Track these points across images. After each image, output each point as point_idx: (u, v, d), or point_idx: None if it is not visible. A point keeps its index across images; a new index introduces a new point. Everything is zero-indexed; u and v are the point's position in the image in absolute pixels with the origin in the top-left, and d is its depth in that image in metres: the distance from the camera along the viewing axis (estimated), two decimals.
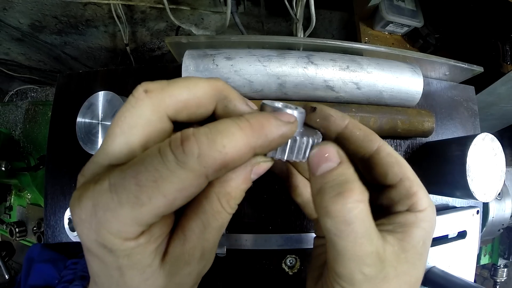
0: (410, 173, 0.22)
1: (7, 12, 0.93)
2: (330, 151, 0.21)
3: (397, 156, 0.23)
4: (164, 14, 1.02)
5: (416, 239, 0.21)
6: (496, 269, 0.91)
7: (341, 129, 0.24)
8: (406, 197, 0.22)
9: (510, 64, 0.73)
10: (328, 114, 0.23)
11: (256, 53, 0.50)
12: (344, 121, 0.23)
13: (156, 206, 0.16)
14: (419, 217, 0.22)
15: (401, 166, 0.22)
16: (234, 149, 0.16)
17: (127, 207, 0.15)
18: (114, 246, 0.16)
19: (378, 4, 0.76)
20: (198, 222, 0.19)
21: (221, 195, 0.19)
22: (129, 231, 0.16)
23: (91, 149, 0.49)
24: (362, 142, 0.23)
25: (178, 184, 0.16)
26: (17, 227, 0.81)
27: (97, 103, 0.50)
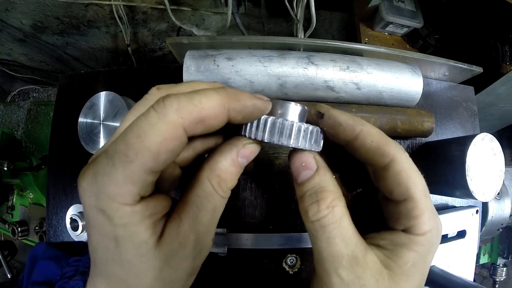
0: (418, 194, 0.21)
1: (9, 13, 0.93)
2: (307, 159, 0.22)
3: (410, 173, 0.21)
4: (165, 15, 1.02)
5: (404, 260, 0.21)
6: (495, 268, 0.92)
7: (350, 139, 0.22)
8: (406, 218, 0.21)
9: (509, 65, 0.73)
10: (337, 122, 0.22)
11: (256, 53, 0.51)
12: (355, 130, 0.22)
13: (144, 161, 0.17)
14: (414, 240, 0.21)
15: (409, 186, 0.21)
16: (209, 105, 0.18)
17: (119, 167, 0.17)
18: (112, 211, 0.17)
19: (378, 5, 0.76)
20: (192, 205, 0.20)
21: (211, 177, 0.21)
22: (124, 192, 0.17)
23: (93, 149, 0.49)
24: (372, 154, 0.22)
25: (160, 137, 0.17)
26: (19, 227, 0.81)
27: (98, 103, 0.50)
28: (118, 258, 0.18)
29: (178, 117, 0.17)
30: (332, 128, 0.22)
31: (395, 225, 0.22)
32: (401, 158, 0.21)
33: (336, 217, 0.20)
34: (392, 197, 0.22)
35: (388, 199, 0.23)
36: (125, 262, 0.18)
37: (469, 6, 0.79)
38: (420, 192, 0.21)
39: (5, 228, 0.86)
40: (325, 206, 0.20)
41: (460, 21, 0.82)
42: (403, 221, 0.22)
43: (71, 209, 0.55)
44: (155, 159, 0.17)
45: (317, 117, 0.23)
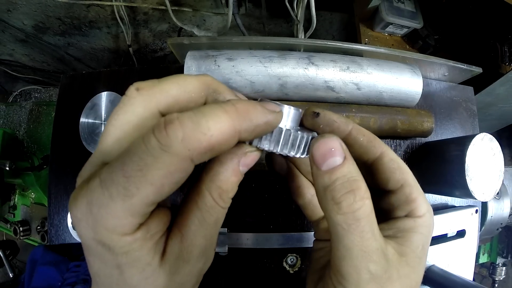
0: (411, 179, 0.23)
1: (11, 13, 0.94)
2: (336, 145, 0.20)
3: (400, 162, 0.23)
4: (167, 15, 1.02)
5: (415, 244, 0.22)
6: (494, 268, 0.92)
7: (344, 135, 0.23)
8: (405, 203, 0.23)
9: (508, 65, 0.73)
10: (331, 119, 0.23)
11: (257, 54, 0.51)
12: (348, 126, 0.23)
13: (145, 195, 0.16)
14: (418, 222, 0.22)
15: (402, 172, 0.23)
16: (219, 131, 0.16)
17: (118, 200, 0.16)
18: (112, 242, 0.16)
19: (378, 6, 0.76)
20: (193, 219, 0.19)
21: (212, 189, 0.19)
22: (124, 224, 0.16)
23: (94, 149, 0.49)
24: (365, 148, 0.23)
25: (164, 170, 0.16)
26: (21, 226, 0.82)
27: (100, 103, 0.50)
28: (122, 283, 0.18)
29: (184, 149, 0.16)
30: (328, 125, 0.23)
31: (398, 213, 0.23)
32: (388, 150, 0.23)
33: (368, 211, 0.20)
34: (388, 187, 0.23)
35: (384, 192, 0.24)
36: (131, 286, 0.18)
37: (468, 7, 0.79)
38: (411, 177, 0.23)
39: (7, 227, 0.86)
40: (360, 197, 0.19)
41: (459, 22, 0.82)
42: (403, 207, 0.23)
43: None
44: (158, 193, 0.16)
45: (313, 117, 0.24)
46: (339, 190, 0.20)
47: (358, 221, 0.19)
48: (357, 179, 0.20)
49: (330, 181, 0.20)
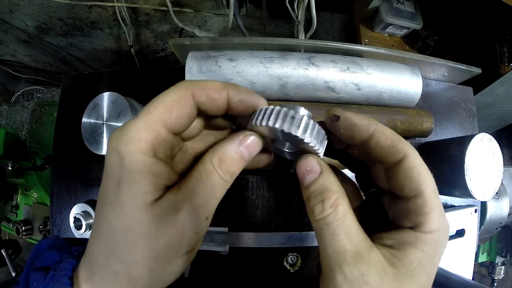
0: (429, 191, 0.21)
1: (14, 14, 0.94)
2: (311, 163, 0.24)
3: (421, 170, 0.22)
4: (168, 16, 1.03)
5: (410, 259, 0.21)
6: (493, 267, 0.92)
7: (366, 137, 0.22)
8: (415, 214, 0.21)
9: (507, 66, 0.73)
10: (352, 124, 0.22)
11: (258, 54, 0.51)
12: (370, 130, 0.22)
13: (160, 112, 0.21)
14: (421, 239, 0.21)
15: (420, 181, 0.21)
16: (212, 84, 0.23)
17: (141, 118, 0.20)
18: (125, 152, 0.19)
19: (378, 7, 0.77)
20: (192, 179, 0.22)
21: (212, 157, 0.23)
22: (141, 137, 0.20)
23: (96, 149, 0.49)
24: (387, 151, 0.22)
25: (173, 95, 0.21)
26: (24, 226, 0.82)
27: (102, 103, 0.50)
28: (115, 200, 0.20)
29: (188, 85, 0.22)
30: (348, 129, 0.23)
31: (404, 223, 0.22)
32: (413, 155, 0.22)
33: (340, 215, 0.21)
34: (403, 193, 0.22)
35: (397, 197, 0.23)
36: (119, 206, 0.20)
37: (468, 8, 0.79)
38: (430, 189, 0.21)
39: (9, 227, 0.86)
40: (329, 205, 0.22)
41: (459, 23, 0.82)
42: (412, 218, 0.22)
43: (74, 208, 0.56)
44: (168, 112, 0.21)
45: (333, 120, 0.23)
46: (312, 201, 0.23)
47: (328, 225, 0.21)
48: (327, 190, 0.22)
49: (308, 194, 0.23)
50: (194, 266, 0.53)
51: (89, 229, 0.55)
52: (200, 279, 0.55)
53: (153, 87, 0.60)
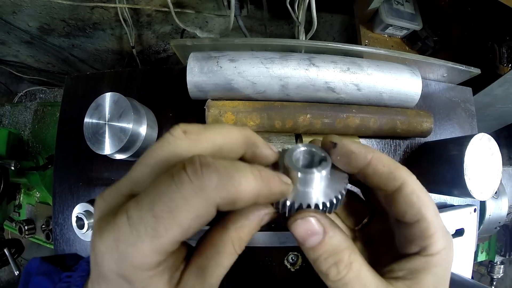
0: (430, 213, 0.22)
1: (17, 15, 0.95)
2: (311, 227, 0.22)
3: (421, 194, 0.22)
4: (170, 17, 1.03)
5: (426, 286, 0.21)
6: (493, 266, 0.92)
7: (363, 166, 0.23)
8: (420, 238, 0.22)
9: (506, 66, 0.73)
10: (349, 151, 0.22)
11: (259, 55, 0.52)
12: (367, 157, 0.22)
13: (173, 235, 0.16)
14: (430, 262, 0.21)
15: (421, 206, 0.21)
16: (246, 188, 0.18)
17: (146, 240, 0.16)
18: (134, 277, 0.17)
19: (378, 8, 0.77)
20: (212, 262, 0.20)
21: (235, 239, 0.21)
22: (150, 262, 0.17)
23: (98, 149, 0.50)
24: (385, 178, 0.22)
25: (193, 213, 0.16)
26: (26, 225, 0.82)
27: (104, 104, 0.50)
28: None
29: (215, 195, 0.17)
30: (345, 156, 0.23)
31: (410, 249, 0.23)
32: (411, 181, 0.22)
33: (355, 272, 0.21)
34: (405, 219, 0.22)
35: (401, 223, 0.23)
36: None
37: (467, 9, 0.80)
38: (431, 211, 0.22)
39: (12, 226, 0.87)
40: (343, 266, 0.21)
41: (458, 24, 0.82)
42: (418, 242, 0.22)
43: (77, 207, 0.56)
44: (185, 233, 0.17)
45: (330, 147, 0.23)
46: (323, 264, 0.21)
47: (345, 285, 0.21)
48: (338, 251, 0.21)
49: (315, 257, 0.22)
50: None
51: (91, 229, 0.55)
52: None
53: (155, 87, 0.60)
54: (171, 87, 0.59)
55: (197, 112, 0.56)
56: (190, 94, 0.52)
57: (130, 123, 0.49)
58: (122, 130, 0.49)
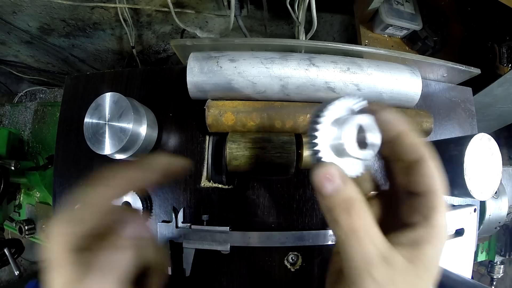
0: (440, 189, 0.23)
1: (17, 15, 0.95)
2: (332, 172, 0.23)
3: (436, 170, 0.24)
4: (170, 17, 1.03)
5: (425, 255, 0.22)
6: (493, 266, 0.93)
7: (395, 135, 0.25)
8: (426, 208, 0.23)
9: (506, 66, 0.74)
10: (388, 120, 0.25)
11: (259, 55, 0.52)
12: (400, 126, 0.25)
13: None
14: (432, 233, 0.23)
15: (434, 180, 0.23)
16: None
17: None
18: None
19: (378, 8, 0.77)
20: None
21: None
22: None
23: (99, 149, 0.50)
24: (408, 150, 0.24)
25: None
26: (26, 225, 0.82)
27: (104, 104, 0.50)
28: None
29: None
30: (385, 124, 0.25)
31: (414, 218, 0.24)
32: (432, 157, 0.24)
33: (365, 221, 0.22)
34: (417, 189, 0.24)
35: (410, 194, 0.25)
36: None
37: (467, 9, 0.80)
38: (441, 188, 0.23)
39: (12, 226, 0.87)
40: (355, 212, 0.22)
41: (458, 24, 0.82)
42: (424, 211, 0.23)
43: None
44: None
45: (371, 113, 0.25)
46: (336, 210, 0.23)
47: (354, 232, 0.22)
48: (351, 198, 0.23)
49: (332, 205, 0.23)
50: (195, 265, 0.53)
51: None
52: (201, 278, 0.55)
53: (155, 87, 0.60)
54: (171, 87, 0.60)
55: (197, 112, 0.56)
56: (190, 94, 0.52)
57: (130, 123, 0.49)
58: (122, 130, 0.49)
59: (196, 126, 0.58)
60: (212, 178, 0.56)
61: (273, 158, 0.49)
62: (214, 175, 0.56)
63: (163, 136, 0.58)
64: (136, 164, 0.27)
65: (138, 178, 0.27)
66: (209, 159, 0.56)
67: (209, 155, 0.56)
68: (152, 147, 0.56)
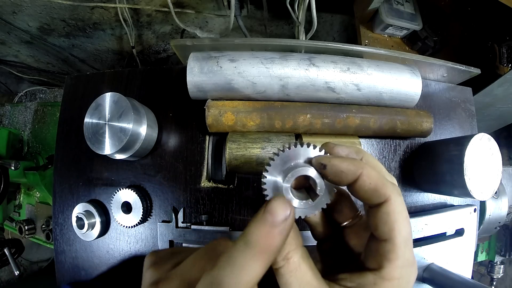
0: (400, 239, 0.23)
1: (17, 15, 0.95)
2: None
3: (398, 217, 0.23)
4: (170, 17, 1.03)
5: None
6: (492, 266, 0.93)
7: (353, 181, 0.24)
8: (381, 257, 0.23)
9: (506, 66, 0.74)
10: (339, 171, 0.24)
11: (259, 55, 0.52)
12: (356, 174, 0.23)
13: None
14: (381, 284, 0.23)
15: (393, 228, 0.23)
16: None
17: None
18: None
19: (378, 8, 0.77)
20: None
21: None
22: None
23: (99, 149, 0.50)
24: (370, 195, 0.23)
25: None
26: (26, 225, 0.83)
27: (104, 104, 0.50)
28: None
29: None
30: (335, 175, 0.24)
31: (369, 263, 0.24)
32: (395, 201, 0.23)
33: (291, 267, 0.23)
34: (375, 234, 0.24)
35: (372, 236, 0.24)
36: None
37: (467, 9, 0.80)
38: (401, 237, 0.23)
39: (12, 226, 0.87)
40: (281, 257, 0.23)
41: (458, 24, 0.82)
42: (377, 259, 0.23)
43: (77, 207, 0.56)
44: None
45: (321, 168, 0.24)
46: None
47: (281, 276, 0.23)
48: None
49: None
50: None
51: (91, 229, 0.55)
52: None
53: (155, 87, 0.60)
54: (171, 87, 0.60)
55: (197, 112, 0.56)
56: (190, 94, 0.52)
57: (130, 123, 0.49)
58: (122, 130, 0.49)
59: (196, 126, 0.58)
60: (212, 178, 0.56)
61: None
62: (214, 175, 0.56)
63: (163, 136, 0.58)
64: None
65: None
66: (209, 159, 0.56)
67: (209, 155, 0.57)
68: (152, 147, 0.56)
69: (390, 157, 0.59)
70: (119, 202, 0.55)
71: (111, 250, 0.58)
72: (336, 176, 0.24)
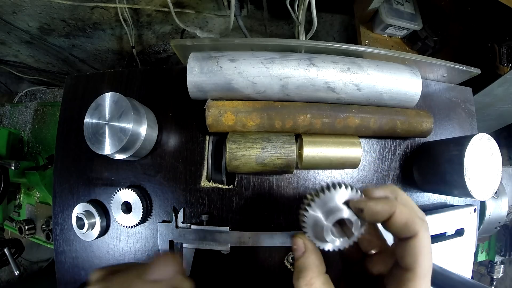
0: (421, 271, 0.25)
1: (17, 15, 0.95)
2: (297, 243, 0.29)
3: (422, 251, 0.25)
4: (170, 17, 1.03)
5: None
6: (492, 266, 0.93)
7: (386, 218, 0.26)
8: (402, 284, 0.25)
9: (506, 66, 0.73)
10: (374, 212, 0.26)
11: (259, 55, 0.52)
12: (390, 213, 0.26)
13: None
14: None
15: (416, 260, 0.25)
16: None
17: None
18: None
19: (378, 8, 0.77)
20: None
21: None
22: None
23: (98, 149, 0.50)
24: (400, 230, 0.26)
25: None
26: (26, 225, 0.83)
27: (104, 104, 0.50)
28: None
29: None
30: (371, 216, 0.26)
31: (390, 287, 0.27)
32: (422, 237, 0.25)
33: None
34: (400, 263, 0.26)
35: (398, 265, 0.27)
36: None
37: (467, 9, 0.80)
38: (422, 270, 0.25)
39: (12, 226, 0.87)
40: (304, 283, 0.27)
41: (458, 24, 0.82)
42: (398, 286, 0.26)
43: (77, 207, 0.56)
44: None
45: (358, 211, 0.27)
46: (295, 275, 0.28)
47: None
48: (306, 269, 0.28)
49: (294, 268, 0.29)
50: (195, 265, 0.54)
51: (91, 229, 0.55)
52: (202, 278, 0.55)
53: (155, 87, 0.60)
54: (171, 87, 0.60)
55: (197, 112, 0.56)
56: (190, 94, 0.52)
57: (130, 123, 0.49)
58: (122, 130, 0.49)
59: (196, 126, 0.58)
60: (212, 178, 0.56)
61: (273, 158, 0.49)
62: (214, 175, 0.56)
63: (163, 136, 0.58)
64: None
65: None
66: (209, 159, 0.56)
67: (209, 155, 0.57)
68: (152, 147, 0.56)
69: (390, 157, 0.59)
70: (119, 202, 0.55)
71: (111, 250, 0.58)
72: (372, 217, 0.26)
